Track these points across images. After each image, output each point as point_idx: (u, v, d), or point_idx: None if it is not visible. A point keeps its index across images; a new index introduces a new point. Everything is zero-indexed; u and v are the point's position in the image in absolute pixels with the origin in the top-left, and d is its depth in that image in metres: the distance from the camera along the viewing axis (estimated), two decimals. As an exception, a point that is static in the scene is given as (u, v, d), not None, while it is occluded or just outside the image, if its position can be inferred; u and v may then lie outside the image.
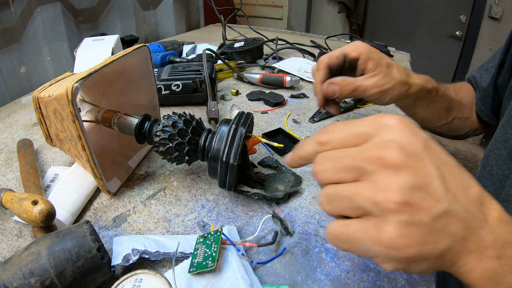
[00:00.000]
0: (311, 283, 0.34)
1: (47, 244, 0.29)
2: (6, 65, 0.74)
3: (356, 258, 0.37)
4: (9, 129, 0.60)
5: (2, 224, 0.40)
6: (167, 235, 0.38)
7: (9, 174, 0.48)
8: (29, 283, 0.27)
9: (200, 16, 1.49)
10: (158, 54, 0.84)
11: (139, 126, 0.43)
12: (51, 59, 0.86)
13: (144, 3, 1.15)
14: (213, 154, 0.39)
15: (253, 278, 0.33)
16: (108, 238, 0.38)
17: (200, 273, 0.32)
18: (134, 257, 0.32)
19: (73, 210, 0.40)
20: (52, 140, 0.46)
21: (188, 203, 0.44)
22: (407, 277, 0.35)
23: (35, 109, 0.43)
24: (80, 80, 0.36)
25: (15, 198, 0.35)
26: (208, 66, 0.68)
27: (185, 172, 0.50)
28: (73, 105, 0.35)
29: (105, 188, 0.43)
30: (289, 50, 1.08)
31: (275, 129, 0.60)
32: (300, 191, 0.47)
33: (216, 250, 0.33)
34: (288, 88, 0.79)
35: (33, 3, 0.78)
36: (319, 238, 0.39)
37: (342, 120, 0.66)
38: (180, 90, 0.67)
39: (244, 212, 0.43)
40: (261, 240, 0.39)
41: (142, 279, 0.26)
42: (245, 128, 0.39)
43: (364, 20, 2.42)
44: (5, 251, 0.36)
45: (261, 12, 2.54)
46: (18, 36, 0.76)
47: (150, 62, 0.48)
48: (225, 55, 0.93)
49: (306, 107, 0.71)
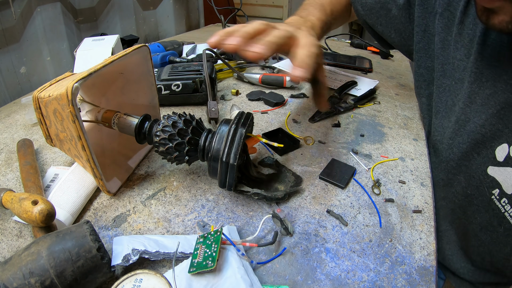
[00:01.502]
0: (311, 283, 0.34)
1: (47, 244, 0.29)
2: (6, 65, 0.74)
3: (356, 258, 0.37)
4: (9, 129, 0.60)
5: (2, 224, 0.40)
6: (167, 235, 0.38)
7: (9, 174, 0.48)
8: (29, 283, 0.27)
9: (200, 16, 1.49)
10: (158, 54, 0.84)
11: (139, 126, 0.43)
12: (51, 59, 0.86)
13: (144, 3, 1.15)
14: (213, 154, 0.39)
15: (253, 278, 0.33)
16: (108, 238, 0.38)
17: (200, 273, 0.32)
18: (134, 257, 0.32)
19: (73, 210, 0.40)
20: (52, 140, 0.46)
21: (188, 203, 0.44)
22: (407, 277, 0.35)
23: (35, 109, 0.43)
24: (80, 80, 0.36)
25: (15, 198, 0.35)
26: (208, 66, 0.68)
27: (185, 172, 0.50)
28: (73, 105, 0.35)
29: (105, 188, 0.43)
30: (289, 50, 1.08)
31: (275, 129, 0.60)
32: (300, 191, 0.47)
33: (216, 250, 0.33)
34: (288, 88, 0.79)
35: (33, 3, 0.78)
36: (319, 238, 0.39)
37: (342, 120, 0.66)
38: (180, 90, 0.67)
39: (244, 212, 0.43)
40: (261, 240, 0.39)
41: (142, 279, 0.26)
42: (245, 128, 0.39)
43: (364, 20, 2.42)
44: (5, 251, 0.36)
45: (261, 12, 2.54)
46: (18, 36, 0.76)
47: (150, 62, 0.48)
48: (225, 55, 0.93)
49: (306, 107, 0.71)
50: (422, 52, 0.56)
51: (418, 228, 0.42)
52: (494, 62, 0.43)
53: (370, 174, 0.51)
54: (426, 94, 0.58)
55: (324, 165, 0.52)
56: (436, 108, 0.54)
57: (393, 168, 0.53)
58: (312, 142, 0.58)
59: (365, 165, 0.53)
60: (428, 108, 0.59)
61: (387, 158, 0.55)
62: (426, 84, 0.57)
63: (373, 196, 0.46)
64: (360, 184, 0.48)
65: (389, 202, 0.46)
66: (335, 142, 0.59)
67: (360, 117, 0.68)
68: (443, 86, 0.52)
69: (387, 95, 0.80)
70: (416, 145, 0.59)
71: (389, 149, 0.58)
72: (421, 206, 0.45)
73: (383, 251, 0.38)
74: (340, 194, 0.47)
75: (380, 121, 0.67)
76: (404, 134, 0.63)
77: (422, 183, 0.50)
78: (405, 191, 0.48)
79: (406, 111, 0.72)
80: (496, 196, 0.45)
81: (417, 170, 0.53)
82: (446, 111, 0.52)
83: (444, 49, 0.51)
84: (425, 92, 0.58)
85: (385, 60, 1.08)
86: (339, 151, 0.56)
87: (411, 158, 0.56)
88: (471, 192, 0.48)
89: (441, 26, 0.51)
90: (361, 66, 0.95)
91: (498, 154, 0.43)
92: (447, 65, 0.50)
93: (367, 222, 0.42)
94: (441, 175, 0.54)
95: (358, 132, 0.62)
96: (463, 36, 0.47)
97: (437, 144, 0.55)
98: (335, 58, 1.00)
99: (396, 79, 0.91)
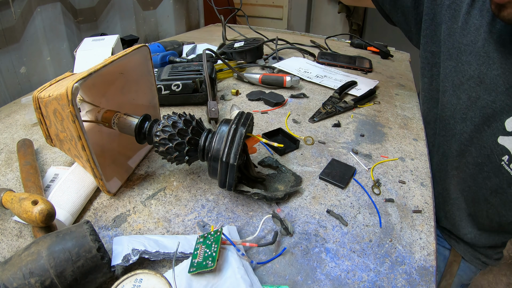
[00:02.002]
0: (311, 283, 0.34)
1: (47, 244, 0.29)
2: (6, 65, 0.74)
3: (356, 258, 0.37)
4: (9, 129, 0.60)
5: (2, 224, 0.40)
6: (167, 235, 0.38)
7: (9, 174, 0.48)
8: (29, 283, 0.27)
9: (200, 16, 1.49)
10: (158, 54, 0.84)
11: (139, 126, 0.43)
12: (51, 59, 0.86)
13: (144, 3, 1.15)
14: (213, 154, 0.39)
15: (253, 278, 0.33)
16: (108, 238, 0.38)
17: (200, 273, 0.32)
18: (134, 257, 0.32)
19: (73, 210, 0.40)
20: (52, 140, 0.46)
21: (188, 203, 0.44)
22: (407, 277, 0.35)
23: (35, 109, 0.43)
24: (80, 80, 0.36)
25: (15, 198, 0.35)
26: (208, 66, 0.68)
27: (185, 172, 0.50)
28: (73, 105, 0.35)
29: (105, 188, 0.43)
30: (289, 50, 1.08)
31: (275, 129, 0.60)
32: (300, 191, 0.47)
33: (216, 250, 0.33)
34: (288, 88, 0.79)
35: (33, 3, 0.78)
36: (319, 238, 0.39)
37: (342, 120, 0.66)
38: (180, 90, 0.67)
39: (244, 212, 0.43)
40: (261, 240, 0.39)
41: (142, 279, 0.26)
42: (245, 128, 0.39)
43: (364, 20, 2.42)
44: (5, 251, 0.36)
45: (261, 12, 2.54)
46: (18, 36, 0.76)
47: (150, 62, 0.48)
48: (225, 55, 0.93)
49: (306, 107, 0.71)
50: (429, 37, 0.63)
51: (418, 228, 0.42)
52: (500, 47, 0.50)
53: (370, 174, 0.51)
54: (429, 75, 0.66)
55: (324, 165, 0.52)
56: (444, 87, 0.61)
57: (393, 168, 0.53)
58: (312, 142, 0.58)
59: (365, 165, 0.53)
60: (429, 88, 0.66)
61: (387, 158, 0.55)
62: (430, 66, 0.65)
63: (373, 196, 0.46)
64: (360, 184, 0.48)
65: (389, 202, 0.46)
66: (335, 142, 0.59)
67: (360, 117, 0.68)
68: (449, 68, 0.59)
69: (387, 95, 0.80)
70: (416, 145, 0.59)
71: (389, 149, 0.58)
72: (421, 206, 0.45)
73: (383, 251, 0.38)
74: (340, 194, 0.47)
75: (380, 121, 0.67)
76: (404, 134, 0.63)
77: (422, 183, 0.50)
78: (405, 191, 0.48)
79: (406, 111, 0.72)
80: (506, 161, 0.51)
81: (417, 170, 0.53)
82: (453, 89, 0.58)
83: (450, 35, 0.58)
84: (428, 73, 0.66)
85: (385, 60, 1.08)
86: (339, 151, 0.56)
87: (411, 158, 0.56)
88: (482, 160, 0.55)
89: (448, 16, 0.58)
90: (361, 66, 0.95)
91: (507, 125, 0.50)
92: (453, 50, 0.57)
93: (367, 222, 0.42)
94: (454, 146, 0.60)
95: (358, 132, 0.62)
96: (470, 24, 0.54)
97: (447, 119, 0.61)
98: (335, 58, 1.00)
99: (396, 79, 0.91)
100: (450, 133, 0.61)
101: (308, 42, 1.20)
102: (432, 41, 0.63)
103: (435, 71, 0.64)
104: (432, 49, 0.63)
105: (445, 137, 0.62)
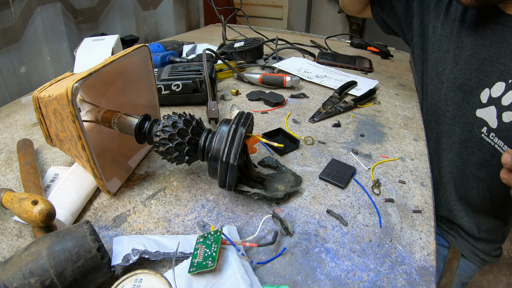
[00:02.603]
0: (311, 283, 0.34)
1: (47, 244, 0.29)
2: (6, 65, 0.74)
3: (356, 258, 0.37)
4: (9, 129, 0.60)
5: (2, 224, 0.40)
6: (167, 235, 0.38)
7: (9, 174, 0.48)
8: (29, 283, 0.27)
9: (200, 16, 1.49)
10: (158, 54, 0.84)
11: (139, 126, 0.43)
12: (51, 59, 0.86)
13: (144, 3, 1.15)
14: (213, 154, 0.39)
15: (253, 278, 0.33)
16: (108, 238, 0.38)
17: (200, 273, 0.32)
18: (134, 257, 0.32)
19: (73, 210, 0.40)
20: (52, 140, 0.46)
21: (188, 203, 0.44)
22: (407, 277, 0.35)
23: (35, 109, 0.43)
24: (80, 80, 0.36)
25: (15, 198, 0.35)
26: (208, 66, 0.68)
27: (185, 172, 0.50)
28: (73, 105, 0.35)
29: (105, 188, 0.43)
30: (289, 50, 1.08)
31: (275, 129, 0.60)
32: (300, 191, 0.47)
33: (216, 250, 0.33)
34: (288, 88, 0.79)
35: (33, 3, 0.78)
36: (319, 238, 0.39)
37: (342, 120, 0.66)
38: (180, 90, 0.67)
39: (244, 212, 0.43)
40: (261, 240, 0.39)
41: (142, 279, 0.26)
42: (245, 128, 0.39)
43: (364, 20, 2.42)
44: (5, 251, 0.36)
45: (261, 12, 2.54)
46: (18, 36, 0.76)
47: (150, 62, 0.48)
48: (225, 55, 0.93)
49: (306, 107, 0.71)
50: (419, 37, 0.73)
51: (418, 228, 0.42)
52: (471, 32, 0.59)
53: (370, 174, 0.51)
54: (420, 70, 0.75)
55: (324, 165, 0.52)
56: (430, 77, 0.69)
57: (393, 168, 0.53)
58: (312, 142, 0.58)
59: (365, 165, 0.53)
60: (422, 81, 0.75)
61: (387, 158, 0.55)
62: (421, 61, 0.74)
63: (373, 196, 0.46)
64: (360, 184, 0.48)
65: (389, 202, 0.46)
66: (335, 142, 0.59)
67: (360, 117, 0.68)
68: (434, 59, 0.67)
69: (387, 95, 0.80)
70: (416, 145, 0.59)
71: (389, 149, 0.58)
72: (421, 206, 0.45)
73: (383, 251, 0.38)
74: (340, 194, 0.47)
75: (380, 121, 0.67)
76: (404, 134, 0.63)
77: (422, 183, 0.50)
78: (405, 191, 0.48)
79: (406, 111, 0.72)
80: (485, 133, 0.56)
81: (417, 170, 0.53)
82: (438, 77, 0.66)
83: (434, 32, 0.68)
84: (420, 68, 0.75)
85: (385, 60, 1.08)
86: (339, 151, 0.56)
87: (411, 158, 0.56)
88: (465, 137, 0.60)
89: (433, 16, 0.68)
90: (361, 66, 0.95)
91: (482, 97, 0.56)
92: (436, 43, 0.67)
93: (367, 222, 0.42)
94: (441, 128, 0.66)
95: (358, 132, 0.62)
96: (448, 19, 0.64)
97: (435, 104, 0.68)
98: (335, 58, 1.00)
99: (396, 79, 0.91)
100: (439, 118, 0.67)
101: (308, 42, 1.20)
102: (422, 39, 0.72)
103: (425, 66, 0.72)
104: (423, 46, 0.72)
105: (437, 123, 0.68)
